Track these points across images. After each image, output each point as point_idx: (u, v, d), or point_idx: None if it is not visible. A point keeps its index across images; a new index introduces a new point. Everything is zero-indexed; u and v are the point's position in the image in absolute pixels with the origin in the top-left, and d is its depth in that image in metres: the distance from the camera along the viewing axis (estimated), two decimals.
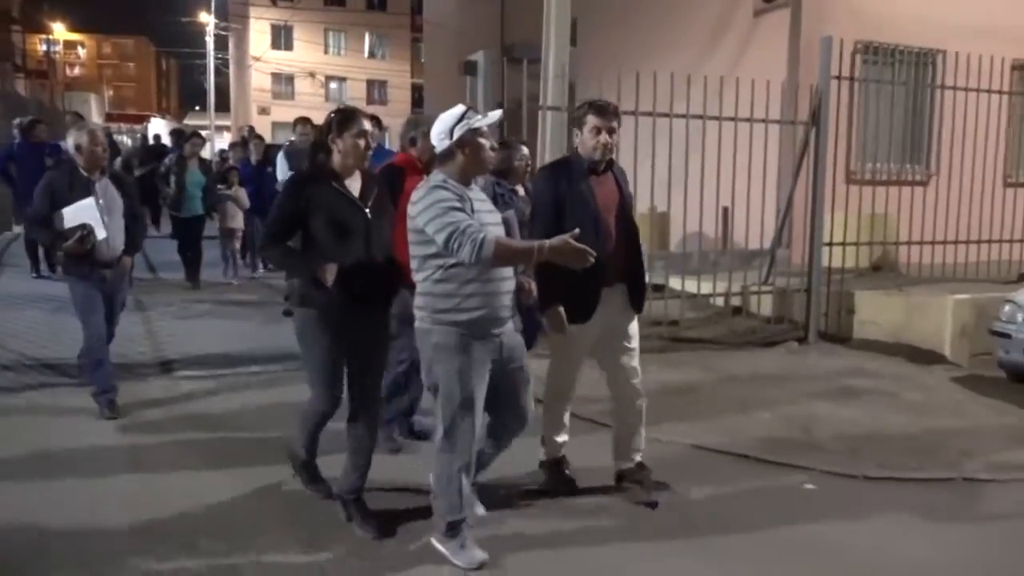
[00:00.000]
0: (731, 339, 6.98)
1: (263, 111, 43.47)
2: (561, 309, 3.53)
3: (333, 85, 47.20)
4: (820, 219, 7.29)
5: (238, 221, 9.86)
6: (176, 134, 12.85)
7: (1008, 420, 5.32)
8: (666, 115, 6.81)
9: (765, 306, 7.55)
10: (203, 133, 13.90)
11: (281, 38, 45.39)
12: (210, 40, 39.80)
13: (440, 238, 2.94)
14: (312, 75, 45.80)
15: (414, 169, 4.18)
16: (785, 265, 8.08)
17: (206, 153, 14.85)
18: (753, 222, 7.02)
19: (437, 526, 3.23)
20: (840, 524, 3.71)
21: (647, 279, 3.98)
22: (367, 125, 3.42)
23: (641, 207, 6.75)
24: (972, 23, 9.68)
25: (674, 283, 7.85)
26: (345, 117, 3.38)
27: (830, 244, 7.40)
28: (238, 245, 10.12)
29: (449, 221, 2.92)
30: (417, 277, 3.13)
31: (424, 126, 4.19)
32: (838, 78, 7.22)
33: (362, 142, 3.36)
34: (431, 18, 24.43)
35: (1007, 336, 6.06)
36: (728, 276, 7.34)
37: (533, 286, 3.55)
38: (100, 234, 4.66)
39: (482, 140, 3.10)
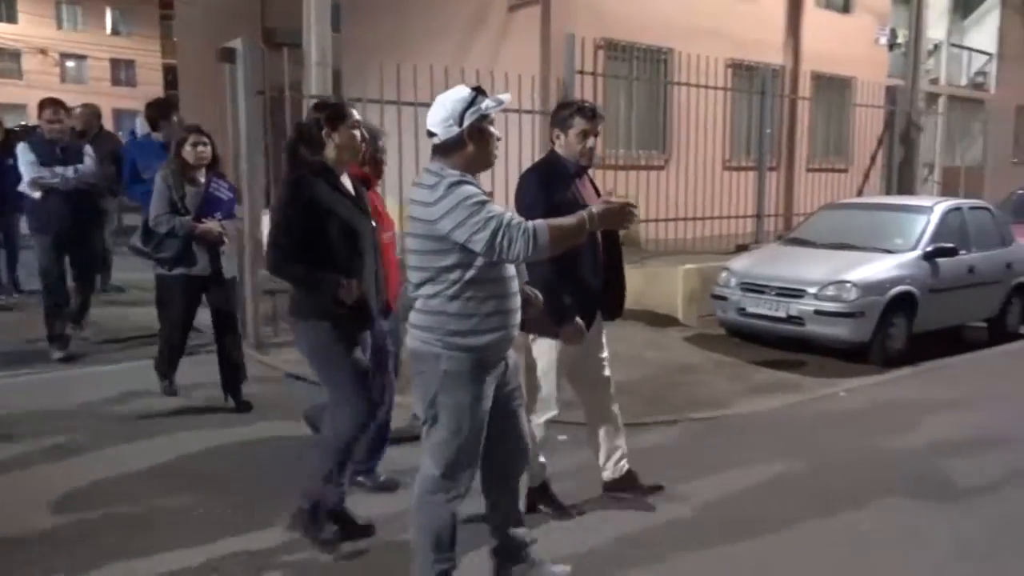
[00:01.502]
0: None
1: None
2: (580, 322, 3.36)
3: (70, 64, 42.69)
4: None
5: None
6: None
7: (724, 369, 6.31)
8: (427, 104, 7.07)
9: None
10: None
11: (1, 9, 40.26)
12: None
13: (481, 239, 2.52)
14: (44, 52, 41.08)
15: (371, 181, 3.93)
16: None
17: None
18: (512, 207, 7.57)
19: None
20: (588, 469, 4.25)
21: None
22: (358, 115, 3.25)
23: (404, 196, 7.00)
24: (695, 25, 11.01)
25: None
26: (337, 109, 3.22)
27: None
28: None
29: (488, 217, 2.53)
30: (422, 291, 2.70)
31: (380, 138, 3.90)
32: (581, 72, 7.95)
33: (358, 133, 3.20)
34: None
35: (724, 299, 7.13)
36: None
37: (540, 297, 3.04)
38: None
39: (492, 129, 2.78)
